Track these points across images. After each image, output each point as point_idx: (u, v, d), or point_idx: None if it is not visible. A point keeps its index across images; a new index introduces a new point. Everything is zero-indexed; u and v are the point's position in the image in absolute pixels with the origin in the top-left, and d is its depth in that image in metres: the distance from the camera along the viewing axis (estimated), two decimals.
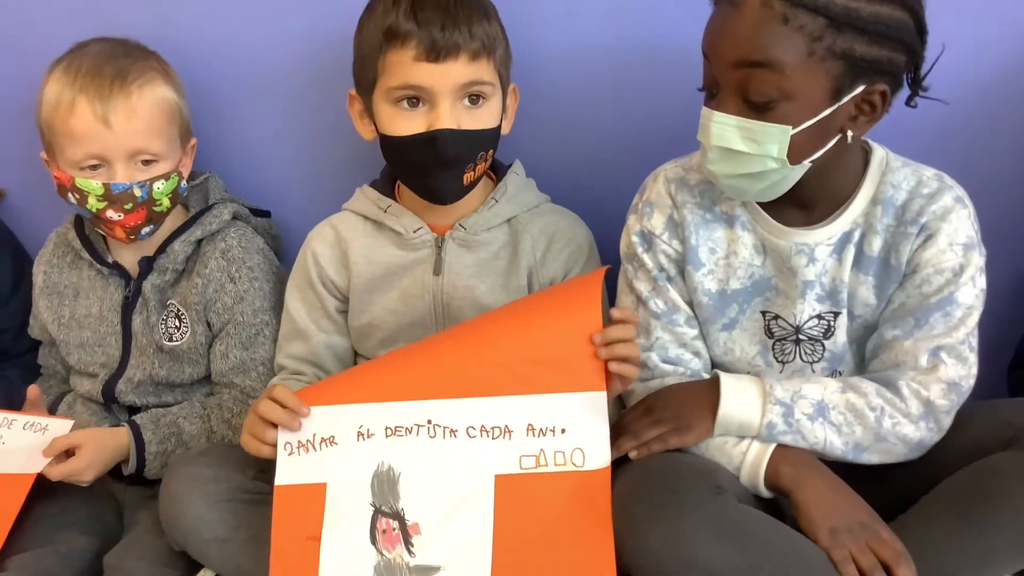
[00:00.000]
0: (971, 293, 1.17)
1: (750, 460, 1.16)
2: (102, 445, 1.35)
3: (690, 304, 1.27)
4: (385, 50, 1.25)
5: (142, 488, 1.42)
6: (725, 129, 1.11)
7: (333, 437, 1.17)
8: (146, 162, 1.37)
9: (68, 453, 1.33)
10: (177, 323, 1.45)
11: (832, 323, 1.23)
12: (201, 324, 1.44)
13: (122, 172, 1.35)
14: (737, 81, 1.09)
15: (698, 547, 1.05)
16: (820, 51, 1.07)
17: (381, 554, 1.13)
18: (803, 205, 1.21)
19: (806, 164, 1.13)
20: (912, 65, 1.14)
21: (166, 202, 1.40)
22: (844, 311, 1.23)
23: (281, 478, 1.17)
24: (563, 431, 1.13)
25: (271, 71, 1.52)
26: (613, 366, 1.13)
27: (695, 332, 1.27)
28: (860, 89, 1.10)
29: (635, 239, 1.28)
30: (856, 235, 1.20)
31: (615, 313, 1.16)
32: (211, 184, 1.51)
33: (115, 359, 1.47)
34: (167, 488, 1.24)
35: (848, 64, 1.08)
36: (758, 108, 1.09)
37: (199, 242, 1.45)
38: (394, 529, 1.13)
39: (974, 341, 1.18)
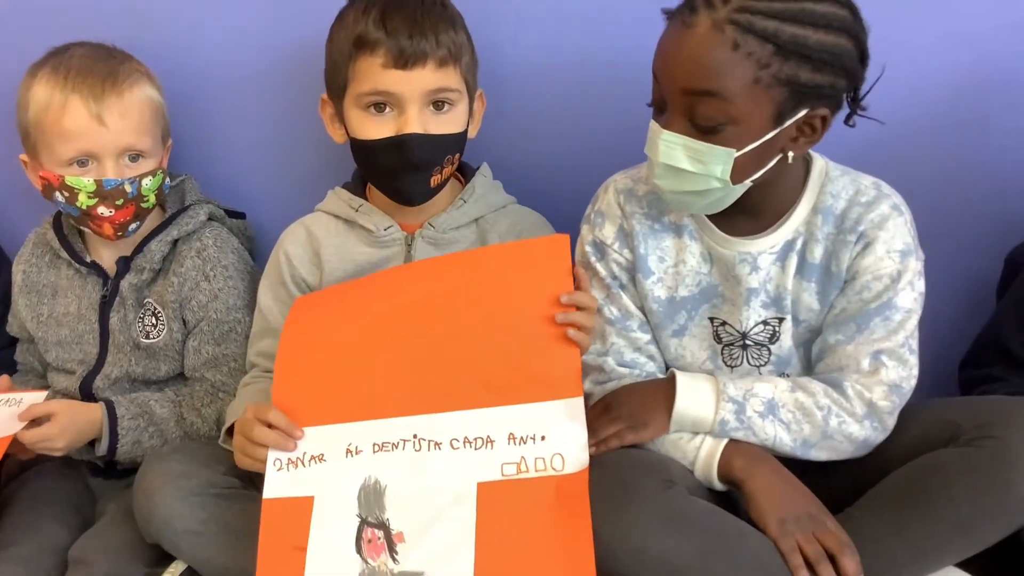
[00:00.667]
0: (909, 297, 1.21)
1: (704, 454, 1.20)
2: (75, 416, 1.38)
3: (642, 310, 1.31)
4: (355, 57, 1.29)
5: (116, 480, 1.46)
6: (672, 148, 1.13)
7: (322, 455, 1.20)
8: (133, 159, 1.40)
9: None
10: (154, 321, 1.47)
11: (777, 328, 1.27)
12: (177, 322, 1.47)
13: (112, 168, 1.38)
14: (685, 105, 1.12)
15: (648, 538, 1.08)
16: (766, 78, 1.08)
17: (366, 562, 1.15)
18: (748, 215, 1.24)
19: (747, 183, 1.16)
20: (852, 87, 1.16)
21: (152, 198, 1.43)
22: (788, 317, 1.26)
23: (269, 492, 1.20)
24: (543, 438, 1.15)
25: (246, 77, 1.55)
26: (571, 332, 1.16)
27: (648, 336, 1.30)
28: (802, 113, 1.12)
29: (588, 248, 1.31)
30: (799, 243, 1.24)
31: (578, 271, 1.21)
32: (187, 186, 1.53)
33: (92, 356, 1.49)
34: (141, 482, 1.27)
35: (792, 90, 1.10)
36: (704, 131, 1.12)
37: (175, 242, 1.48)
38: (379, 538, 1.16)
39: (914, 343, 1.22)
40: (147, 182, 1.41)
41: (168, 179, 1.47)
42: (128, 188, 1.39)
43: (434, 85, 1.28)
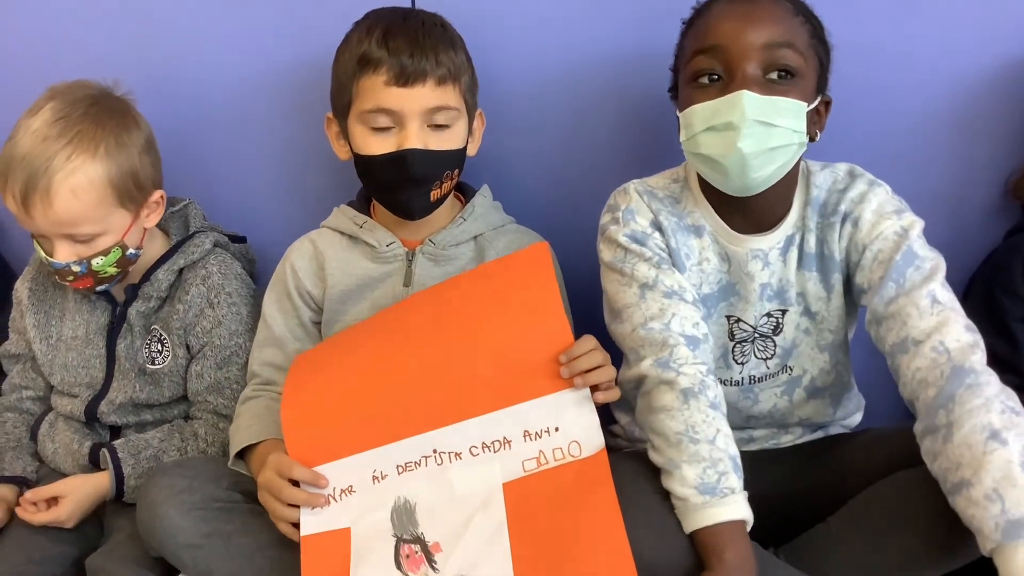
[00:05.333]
0: (926, 247, 1.22)
1: (687, 517, 1.15)
2: (82, 496, 1.43)
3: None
4: (359, 76, 1.33)
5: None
6: (756, 104, 1.15)
7: (351, 487, 1.23)
8: (84, 240, 1.38)
9: (51, 499, 1.42)
10: (159, 347, 1.50)
11: (780, 320, 1.30)
12: (182, 348, 1.49)
13: (61, 249, 1.38)
14: (762, 60, 1.16)
15: (643, 548, 1.09)
16: (813, 47, 1.21)
17: None
18: (756, 216, 1.28)
19: (806, 145, 1.21)
20: None
21: (112, 271, 1.43)
22: (791, 308, 1.29)
23: (306, 529, 1.22)
24: (557, 429, 1.17)
25: (248, 100, 1.58)
26: (599, 396, 1.17)
27: (703, 313, 1.27)
28: (821, 95, 1.23)
29: (625, 240, 1.27)
30: (797, 238, 1.28)
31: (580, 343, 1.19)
32: (190, 211, 1.56)
33: (99, 381, 1.51)
34: (144, 497, 1.29)
35: (821, 68, 1.22)
36: (778, 87, 1.17)
37: (181, 270, 1.50)
38: (416, 552, 1.17)
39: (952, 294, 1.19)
40: (98, 261, 1.40)
41: (133, 249, 1.44)
42: (76, 268, 1.39)
43: (434, 103, 1.33)
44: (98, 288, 1.46)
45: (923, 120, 1.46)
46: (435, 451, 1.20)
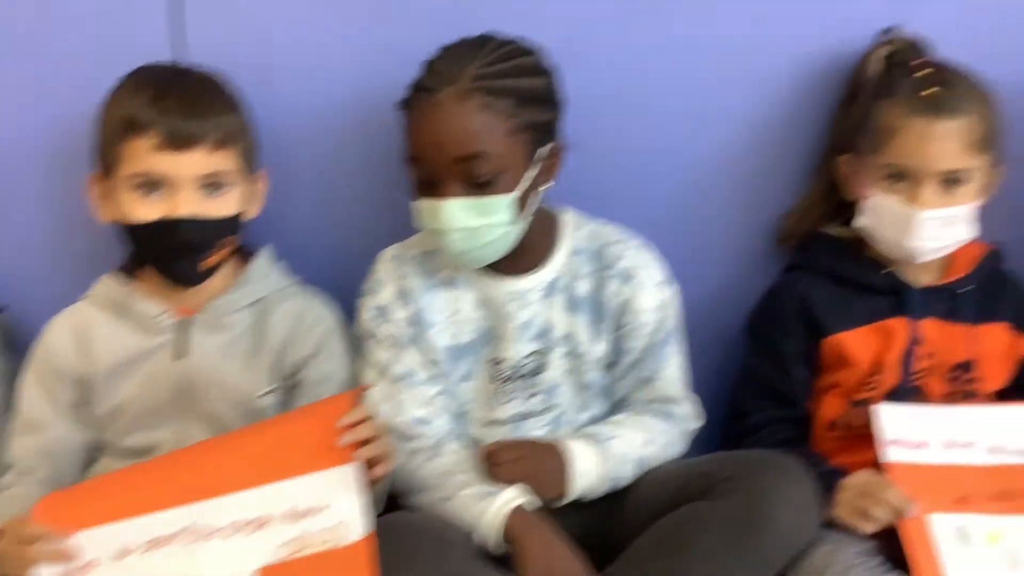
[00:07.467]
0: (678, 316, 1.40)
1: (488, 518, 1.22)
2: None
3: (432, 364, 1.35)
4: (125, 138, 1.25)
5: None
6: (460, 211, 1.23)
7: (92, 561, 1.14)
8: None
9: None
10: None
11: (542, 360, 1.36)
12: None
13: None
14: (459, 172, 1.22)
15: None
16: (515, 126, 1.24)
17: None
18: (514, 259, 1.33)
19: (528, 218, 1.29)
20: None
21: None
22: (555, 349, 1.36)
23: None
24: (328, 507, 1.13)
25: (4, 159, 1.49)
26: (379, 471, 1.16)
27: (437, 389, 1.35)
28: (548, 147, 1.29)
29: (368, 315, 1.36)
30: (561, 282, 1.36)
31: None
32: None
33: None
34: None
35: (534, 131, 1.26)
36: (481, 187, 1.23)
37: None
38: None
39: None
40: None
41: None
42: None
43: (208, 168, 1.27)
44: None
45: (692, 167, 1.54)
46: (189, 528, 1.14)
